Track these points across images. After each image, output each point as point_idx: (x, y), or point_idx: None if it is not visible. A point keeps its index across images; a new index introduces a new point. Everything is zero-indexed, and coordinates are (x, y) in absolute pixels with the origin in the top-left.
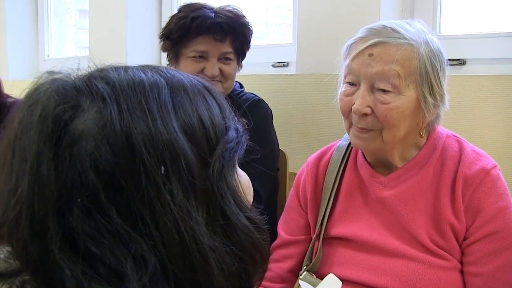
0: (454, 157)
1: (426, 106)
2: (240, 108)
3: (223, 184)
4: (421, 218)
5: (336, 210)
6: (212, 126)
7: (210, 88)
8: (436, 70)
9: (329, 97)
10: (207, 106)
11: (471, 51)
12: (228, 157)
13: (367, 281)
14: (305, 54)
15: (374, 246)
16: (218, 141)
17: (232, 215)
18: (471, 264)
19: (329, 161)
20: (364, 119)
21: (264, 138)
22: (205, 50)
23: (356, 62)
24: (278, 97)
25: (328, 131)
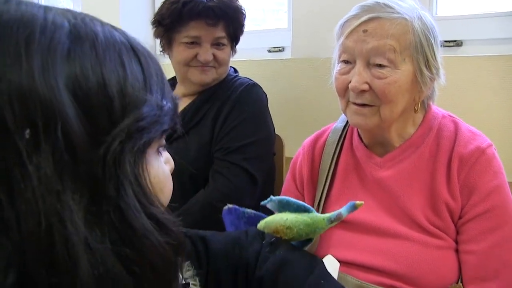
0: (449, 137)
1: (423, 79)
2: (234, 93)
3: (119, 171)
4: (418, 198)
5: (332, 192)
6: (120, 95)
7: (138, 48)
8: (431, 44)
9: (324, 81)
10: (120, 69)
11: (468, 32)
12: (135, 138)
13: (364, 262)
14: (300, 39)
15: (370, 227)
16: (125, 116)
17: (128, 210)
18: (465, 242)
19: (325, 144)
20: (362, 96)
21: (259, 123)
22: (197, 35)
23: (351, 40)
24: (274, 82)
25: (324, 115)
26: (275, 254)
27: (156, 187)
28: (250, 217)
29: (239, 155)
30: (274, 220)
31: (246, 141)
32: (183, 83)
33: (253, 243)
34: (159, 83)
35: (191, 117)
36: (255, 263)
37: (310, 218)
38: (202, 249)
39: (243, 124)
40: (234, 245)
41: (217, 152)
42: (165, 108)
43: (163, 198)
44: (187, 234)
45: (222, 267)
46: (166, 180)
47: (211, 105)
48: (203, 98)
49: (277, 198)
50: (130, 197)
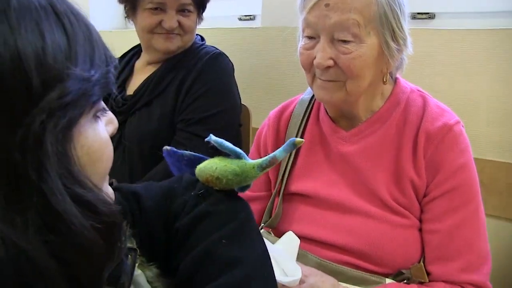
0: (417, 112)
1: (389, 52)
2: (200, 62)
3: (41, 153)
4: (382, 174)
5: (296, 166)
6: (39, 69)
7: (62, 11)
8: (396, 14)
9: (294, 50)
10: (38, 39)
11: (440, 5)
12: (58, 116)
13: (325, 238)
14: (270, 7)
15: (333, 202)
16: (45, 93)
17: (51, 194)
18: (429, 221)
19: (291, 115)
20: (327, 71)
21: (223, 93)
22: (162, 1)
23: (313, 15)
24: (243, 51)
25: (293, 85)
26: (198, 207)
27: (93, 157)
28: (189, 159)
29: (201, 126)
30: (205, 168)
31: (210, 112)
32: (147, 50)
33: (184, 193)
34: (87, 49)
35: (154, 86)
36: (180, 214)
37: (239, 167)
38: (135, 205)
39: (207, 94)
40: (166, 197)
41: (179, 123)
42: (93, 78)
43: (102, 168)
44: (120, 189)
45: (154, 224)
46: (104, 147)
47: (176, 74)
48: (167, 66)
49: (213, 138)
50: (53, 180)
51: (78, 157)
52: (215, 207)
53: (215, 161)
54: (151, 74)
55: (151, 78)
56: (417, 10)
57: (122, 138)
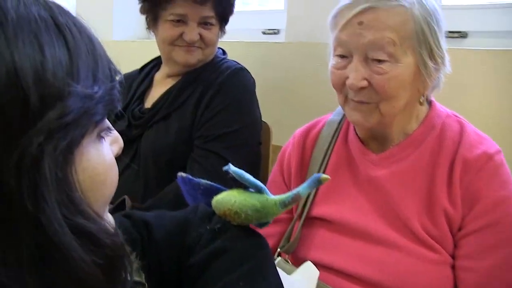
0: (453, 137)
1: (427, 71)
2: (220, 76)
3: (38, 178)
4: (414, 203)
5: (320, 189)
6: (38, 86)
7: (63, 23)
8: (434, 31)
9: (319, 67)
10: (37, 53)
11: (474, 23)
12: (57, 138)
13: (347, 269)
14: (295, 21)
15: (358, 230)
16: (44, 112)
17: (49, 224)
18: (464, 257)
19: (318, 136)
20: (360, 92)
21: (243, 110)
22: (183, 13)
23: (345, 33)
24: (266, 66)
25: (317, 103)
26: (214, 243)
27: (96, 181)
28: (206, 188)
29: (219, 143)
30: (223, 201)
31: (228, 129)
32: (167, 63)
33: (200, 226)
34: (90, 64)
35: (173, 100)
36: (194, 249)
37: (260, 203)
38: (146, 236)
39: (226, 110)
40: (179, 229)
41: (197, 139)
42: (96, 95)
43: (106, 193)
44: (131, 216)
45: (165, 256)
46: (109, 170)
47: (195, 88)
48: (187, 80)
49: (233, 169)
50: (51, 209)
51: (79, 182)
52: (232, 244)
53: (233, 193)
54: (170, 87)
55: (170, 91)
56: (449, 28)
57: (138, 152)
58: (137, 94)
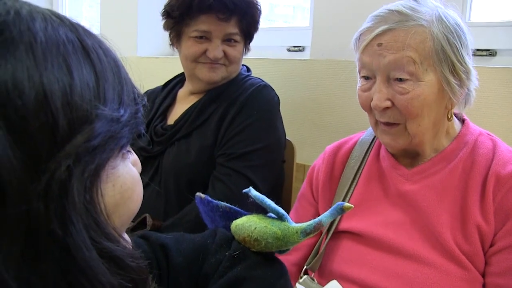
0: (486, 154)
1: (450, 88)
2: (244, 94)
3: (66, 202)
4: (446, 217)
5: (350, 201)
6: (66, 108)
7: (90, 45)
8: (455, 47)
9: (344, 84)
10: (66, 75)
11: (502, 41)
12: (85, 161)
13: (373, 283)
14: (321, 38)
15: (387, 244)
16: (72, 136)
17: (77, 249)
18: (495, 275)
19: (350, 154)
20: (385, 113)
21: (267, 128)
22: (207, 30)
23: (367, 55)
24: (290, 83)
25: (342, 121)
26: (233, 271)
27: (125, 195)
28: (225, 211)
29: (242, 162)
30: (243, 227)
31: (252, 147)
32: (191, 80)
33: (218, 252)
34: (116, 87)
35: (195, 117)
36: (212, 276)
37: (280, 231)
38: (163, 259)
39: (250, 128)
40: (197, 254)
41: (219, 157)
42: (123, 119)
43: (132, 207)
44: (148, 238)
45: (182, 282)
46: (136, 185)
47: (218, 105)
48: (210, 97)
49: (254, 193)
50: (79, 233)
51: (107, 201)
52: (252, 272)
53: (254, 219)
54: (193, 104)
55: (192, 109)
56: (477, 46)
57: (159, 170)
58: (160, 111)
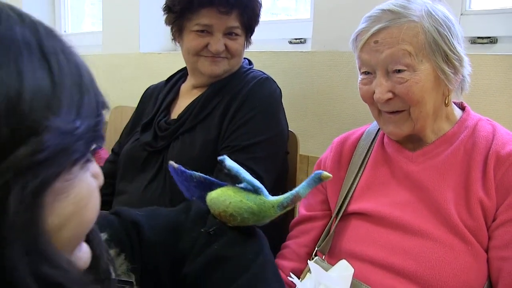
0: (486, 136)
1: (445, 76)
2: (246, 87)
3: (2, 219)
4: (450, 195)
5: (357, 187)
6: (10, 117)
7: (50, 48)
8: (446, 37)
9: (345, 76)
10: (15, 80)
11: (503, 28)
12: (28, 176)
13: (383, 259)
14: (322, 30)
15: (394, 222)
16: (15, 147)
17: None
18: (499, 248)
19: (357, 143)
20: (389, 103)
21: (270, 120)
22: (209, 23)
23: (365, 53)
24: (292, 76)
25: (344, 112)
26: (209, 248)
27: (80, 205)
28: (199, 181)
29: (246, 154)
30: (218, 200)
31: (255, 139)
32: (193, 74)
33: (193, 229)
34: (75, 95)
35: (198, 111)
36: (189, 256)
37: (256, 205)
38: (135, 238)
39: (253, 121)
40: (172, 231)
41: (223, 150)
42: (77, 132)
43: (87, 217)
44: (119, 215)
45: (158, 259)
46: (91, 195)
47: (221, 99)
48: (212, 91)
49: (228, 163)
50: (16, 255)
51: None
52: (229, 250)
53: (229, 193)
54: (196, 98)
55: (195, 103)
56: (478, 34)
57: (164, 164)
58: (163, 105)
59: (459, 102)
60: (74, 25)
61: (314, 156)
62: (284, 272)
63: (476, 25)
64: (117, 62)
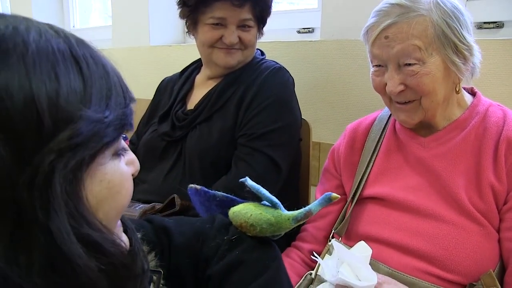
0: (497, 122)
1: (456, 67)
2: (260, 76)
3: (50, 192)
4: (461, 179)
5: (372, 172)
6: (51, 110)
7: (80, 55)
8: (455, 29)
9: (354, 64)
10: (53, 81)
11: (510, 13)
12: (68, 157)
13: (399, 241)
14: (330, 19)
15: (409, 205)
16: (56, 133)
17: (58, 233)
18: (510, 229)
19: (370, 129)
20: (401, 95)
21: (284, 108)
22: (223, 16)
23: (376, 47)
24: (302, 65)
25: (353, 99)
26: (231, 253)
27: (112, 191)
28: (221, 200)
29: (263, 141)
30: (240, 213)
31: (271, 127)
32: (208, 65)
33: (217, 236)
34: (103, 91)
35: (215, 101)
36: (213, 259)
37: (274, 217)
38: (165, 241)
39: (268, 109)
40: (197, 237)
41: (240, 137)
42: (107, 120)
43: (120, 202)
44: (152, 221)
45: (183, 262)
46: (125, 181)
47: (236, 88)
48: (227, 81)
49: (250, 183)
50: (60, 219)
51: (96, 193)
52: (249, 255)
53: (250, 207)
54: (212, 88)
55: (211, 93)
56: (484, 19)
57: (182, 153)
58: (179, 97)
59: (469, 88)
60: (82, 20)
61: (326, 142)
62: (303, 253)
63: (482, 10)
64: (128, 55)
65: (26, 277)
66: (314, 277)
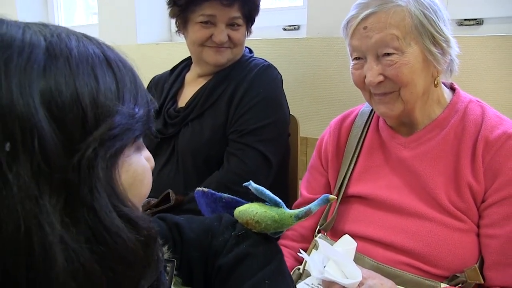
0: (475, 120)
1: (433, 57)
2: (249, 74)
3: (93, 175)
4: (441, 179)
5: (355, 170)
6: (93, 106)
7: (112, 59)
8: (432, 20)
9: (340, 60)
10: (93, 81)
11: (489, 10)
12: (107, 146)
13: (383, 238)
14: (316, 17)
15: (392, 205)
16: (98, 125)
17: (101, 210)
18: (487, 226)
19: (352, 125)
20: (380, 86)
21: (274, 105)
22: (213, 14)
23: (356, 39)
24: (289, 62)
25: (339, 95)
26: (239, 247)
27: (137, 180)
28: (227, 201)
29: (253, 137)
30: (246, 211)
31: (261, 123)
32: (198, 63)
33: (225, 232)
34: (132, 91)
35: (206, 98)
36: (221, 253)
37: (278, 215)
38: (177, 236)
39: (258, 106)
40: (207, 233)
41: (231, 134)
42: (137, 116)
43: (143, 190)
44: (165, 219)
45: (194, 256)
46: (146, 173)
47: (226, 86)
48: (218, 79)
49: (254, 186)
50: (103, 199)
51: (123, 180)
52: (255, 248)
53: (255, 206)
54: (202, 86)
55: (202, 91)
56: (464, 16)
57: (175, 150)
58: (170, 94)
59: (449, 83)
60: (67, 18)
61: (313, 137)
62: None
63: (462, 7)
64: None
65: (76, 245)
66: (302, 272)
